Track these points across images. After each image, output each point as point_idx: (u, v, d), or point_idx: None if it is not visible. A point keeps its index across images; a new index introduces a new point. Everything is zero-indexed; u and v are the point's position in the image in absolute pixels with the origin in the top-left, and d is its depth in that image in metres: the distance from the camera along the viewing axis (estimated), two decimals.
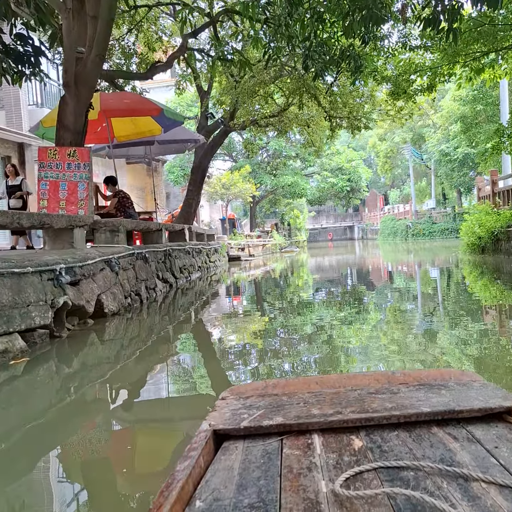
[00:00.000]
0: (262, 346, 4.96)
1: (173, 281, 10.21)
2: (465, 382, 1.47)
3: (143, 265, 8.26)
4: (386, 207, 55.33)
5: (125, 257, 7.36)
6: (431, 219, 37.43)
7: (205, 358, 4.84)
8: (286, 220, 40.61)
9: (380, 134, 41.84)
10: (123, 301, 6.79)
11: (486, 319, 5.78)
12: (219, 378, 3.92)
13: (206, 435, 1.20)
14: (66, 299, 5.08)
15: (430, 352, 4.25)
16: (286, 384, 1.58)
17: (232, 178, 24.99)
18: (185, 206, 16.45)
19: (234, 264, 20.34)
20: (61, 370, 4.33)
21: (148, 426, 3.05)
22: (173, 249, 10.89)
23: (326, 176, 33.87)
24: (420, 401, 1.30)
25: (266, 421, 1.24)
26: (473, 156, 29.41)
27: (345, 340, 5.04)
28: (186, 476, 1.01)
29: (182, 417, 3.20)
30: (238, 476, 1.04)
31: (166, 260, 10.09)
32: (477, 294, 7.93)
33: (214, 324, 6.56)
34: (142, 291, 7.68)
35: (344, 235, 66.22)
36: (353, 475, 1.01)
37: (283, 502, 0.93)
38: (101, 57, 7.34)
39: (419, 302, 7.47)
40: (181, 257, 11.74)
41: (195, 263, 13.37)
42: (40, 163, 7.79)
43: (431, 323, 5.58)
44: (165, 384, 3.91)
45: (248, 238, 26.56)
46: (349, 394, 1.42)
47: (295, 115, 15.97)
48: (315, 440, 1.19)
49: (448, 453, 1.08)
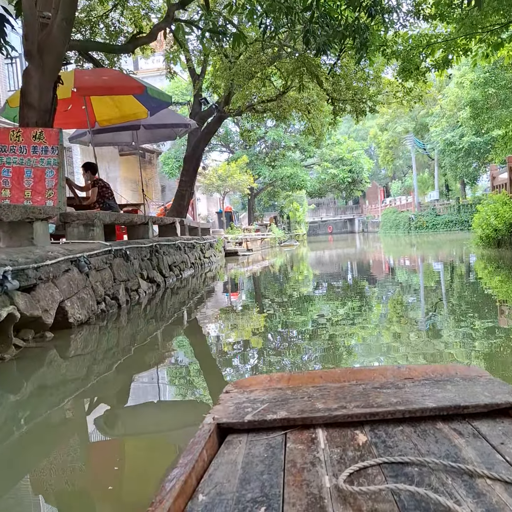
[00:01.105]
0: (262, 351, 4.42)
1: (161, 280, 9.18)
2: (471, 377, 1.45)
3: (123, 264, 7.22)
4: (387, 199, 54.18)
5: (99, 255, 6.31)
6: (435, 211, 36.32)
7: (200, 368, 4.11)
8: (286, 214, 39.45)
9: (382, 124, 40.65)
10: (95, 307, 5.76)
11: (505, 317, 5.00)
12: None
13: (209, 428, 1.20)
14: (12, 310, 4.04)
15: (441, 350, 3.97)
16: (291, 377, 1.59)
17: (229, 170, 23.87)
18: (177, 198, 15.38)
19: (231, 259, 19.30)
20: (4, 399, 3.37)
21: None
22: (161, 244, 9.85)
23: (327, 167, 32.64)
24: (425, 396, 1.29)
25: (270, 415, 1.24)
26: (479, 145, 28.35)
27: (353, 341, 4.54)
28: (189, 469, 1.01)
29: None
30: (241, 470, 1.04)
31: (152, 257, 9.05)
32: (496, 291, 7.02)
33: (208, 325, 5.92)
34: (120, 294, 6.64)
35: (344, 229, 65.10)
36: (357, 470, 1.00)
37: (286, 497, 0.93)
38: (68, 22, 6.28)
39: (433, 301, 6.45)
40: (171, 253, 10.70)
41: (188, 259, 12.33)
42: (1, 147, 6.72)
43: (449, 323, 4.59)
44: (150, 400, 3.17)
45: (246, 232, 25.50)
46: (353, 388, 1.41)
47: (295, 100, 14.87)
48: (319, 434, 1.19)
49: (453, 449, 1.07)
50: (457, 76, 29.22)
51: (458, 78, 28.62)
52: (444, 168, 37.09)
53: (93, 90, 7.89)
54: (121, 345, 5.03)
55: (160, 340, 5.20)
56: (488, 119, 17.40)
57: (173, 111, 11.47)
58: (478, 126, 19.29)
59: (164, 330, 5.61)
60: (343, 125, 51.55)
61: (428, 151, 38.51)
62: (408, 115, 39.38)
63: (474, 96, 17.23)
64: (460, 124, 27.89)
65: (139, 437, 2.79)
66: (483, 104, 17.07)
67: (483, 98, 16.83)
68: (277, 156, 31.35)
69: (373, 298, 7.38)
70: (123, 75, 8.80)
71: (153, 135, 12.16)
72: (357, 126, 53.65)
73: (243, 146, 32.15)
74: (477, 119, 17.96)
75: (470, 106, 18.04)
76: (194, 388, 3.57)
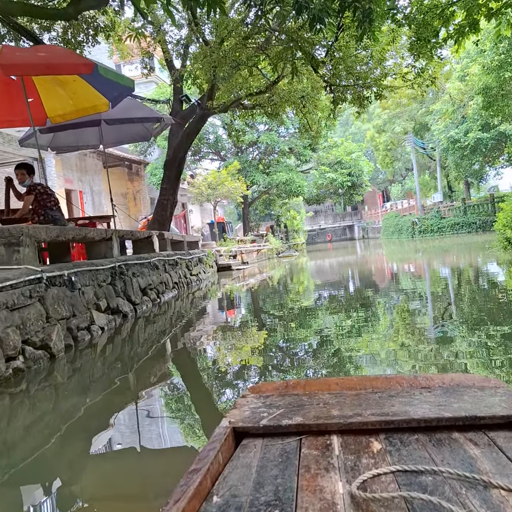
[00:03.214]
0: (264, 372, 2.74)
1: (128, 308, 7.31)
2: (488, 388, 1.43)
3: (64, 295, 5.34)
4: (387, 203, 52.35)
5: (17, 287, 4.45)
6: (439, 214, 34.41)
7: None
8: (283, 222, 37.49)
9: (379, 125, 38.90)
10: (1, 368, 3.87)
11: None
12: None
13: (225, 431, 1.21)
14: None
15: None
16: (307, 384, 1.58)
17: (220, 177, 22.02)
18: (158, 208, 13.55)
19: (224, 274, 17.40)
20: None
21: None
22: (130, 264, 7.99)
23: (324, 171, 30.73)
24: (441, 405, 1.29)
25: (286, 420, 1.25)
26: (486, 141, 26.60)
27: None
28: (205, 471, 1.02)
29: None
30: (255, 474, 1.05)
31: (115, 281, 7.18)
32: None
33: (197, 358, 4.78)
34: (54, 339, 4.74)
35: (343, 236, 63.22)
36: (371, 478, 1.00)
37: (299, 502, 0.94)
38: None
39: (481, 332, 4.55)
40: (145, 274, 8.83)
41: (169, 279, 10.47)
42: None
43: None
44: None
45: (241, 243, 23.59)
46: (369, 396, 1.41)
47: (288, 93, 13.08)
48: (333, 441, 1.20)
49: (468, 459, 1.07)
50: (458, 70, 27.61)
51: (459, 72, 27.01)
52: (447, 169, 35.34)
53: (26, 69, 6.06)
54: (41, 432, 3.16)
55: (113, 402, 3.39)
56: (503, 107, 15.62)
57: (141, 103, 9.70)
58: (491, 117, 17.51)
59: (129, 379, 3.86)
60: (338, 130, 49.89)
61: (428, 151, 36.71)
62: (407, 115, 37.75)
63: (487, 82, 15.46)
64: (464, 120, 26.13)
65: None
66: (497, 90, 15.30)
67: (497, 84, 15.05)
68: (271, 162, 29.54)
69: (411, 326, 5.48)
70: (66, 51, 7.01)
71: (123, 135, 10.30)
72: (353, 130, 52.14)
73: (235, 153, 30.37)
74: (490, 109, 16.20)
75: (482, 94, 16.26)
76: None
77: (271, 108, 13.88)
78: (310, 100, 13.65)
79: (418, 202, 37.88)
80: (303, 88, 13.41)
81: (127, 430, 3.02)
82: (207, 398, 3.58)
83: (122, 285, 7.43)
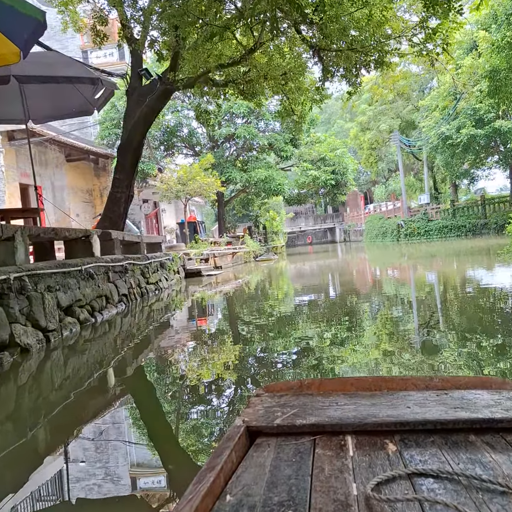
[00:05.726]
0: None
1: (34, 339, 5.03)
2: (506, 390, 1.38)
3: None
4: (371, 205, 50.49)
5: None
6: (426, 216, 32.60)
7: None
8: (261, 223, 35.23)
9: (364, 122, 36.99)
10: None
11: None
12: None
13: (239, 430, 1.20)
14: None
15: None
16: (321, 383, 1.56)
17: (191, 172, 19.72)
18: (110, 203, 11.20)
19: (193, 281, 15.10)
20: None
21: None
22: (41, 275, 5.68)
23: (307, 169, 28.61)
24: (458, 408, 1.25)
25: (300, 420, 1.23)
26: (480, 138, 24.80)
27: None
28: (218, 470, 1.01)
29: None
30: (269, 474, 1.04)
31: (9, 300, 4.89)
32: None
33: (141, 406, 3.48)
34: None
35: (324, 238, 61.34)
36: (385, 480, 0.98)
37: (312, 502, 0.92)
38: None
39: None
40: (71, 286, 6.53)
41: (113, 291, 8.18)
42: None
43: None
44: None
45: (215, 245, 21.31)
46: (384, 397, 1.37)
47: (267, 67, 10.91)
48: (348, 441, 1.17)
49: (485, 463, 1.03)
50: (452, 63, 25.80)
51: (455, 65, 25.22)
52: (434, 169, 33.58)
53: None
54: None
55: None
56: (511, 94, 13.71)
57: (70, 59, 7.40)
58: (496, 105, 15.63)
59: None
60: (320, 128, 47.94)
61: (415, 150, 34.89)
62: (393, 112, 35.94)
63: (495, 64, 13.51)
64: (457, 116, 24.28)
65: None
66: (506, 73, 13.39)
67: (507, 66, 13.13)
68: (249, 158, 27.32)
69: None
70: None
71: (56, 106, 7.97)
72: (336, 128, 50.17)
73: (210, 148, 28.08)
74: (496, 95, 14.30)
75: (488, 79, 14.32)
76: None
77: (246, 86, 11.70)
78: (293, 78, 11.50)
79: (404, 204, 36.07)
80: (286, 64, 11.26)
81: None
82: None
83: (24, 305, 5.14)
